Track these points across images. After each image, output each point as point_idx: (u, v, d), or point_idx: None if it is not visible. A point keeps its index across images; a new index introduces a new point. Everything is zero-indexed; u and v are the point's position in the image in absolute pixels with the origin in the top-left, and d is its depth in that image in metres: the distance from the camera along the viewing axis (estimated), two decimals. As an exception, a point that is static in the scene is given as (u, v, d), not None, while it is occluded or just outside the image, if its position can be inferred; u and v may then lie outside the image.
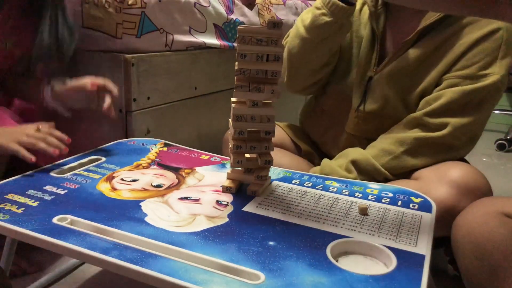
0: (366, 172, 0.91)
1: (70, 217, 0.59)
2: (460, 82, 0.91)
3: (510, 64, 0.92)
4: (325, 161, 0.96)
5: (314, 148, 1.16)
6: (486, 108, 0.93)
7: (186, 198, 0.68)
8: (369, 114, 1.01)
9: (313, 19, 0.95)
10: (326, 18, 0.93)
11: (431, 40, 0.93)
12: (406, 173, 0.94)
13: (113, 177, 0.74)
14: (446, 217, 0.80)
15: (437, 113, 0.91)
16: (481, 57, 0.90)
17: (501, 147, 2.28)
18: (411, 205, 0.69)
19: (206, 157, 0.86)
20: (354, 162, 0.92)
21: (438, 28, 0.94)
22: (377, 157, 0.92)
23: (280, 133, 1.15)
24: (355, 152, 0.95)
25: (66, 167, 0.77)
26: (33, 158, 0.74)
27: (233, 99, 0.70)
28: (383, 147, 0.93)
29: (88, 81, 0.89)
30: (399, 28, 1.00)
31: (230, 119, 0.72)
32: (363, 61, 1.02)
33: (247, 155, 0.72)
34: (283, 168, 0.84)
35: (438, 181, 0.86)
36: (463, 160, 0.99)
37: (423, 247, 0.57)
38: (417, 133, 0.92)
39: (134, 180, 0.73)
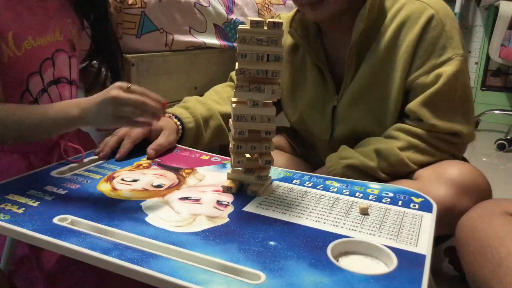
0: (389, 162, 0.89)
1: (70, 217, 0.59)
2: (429, 79, 0.89)
3: (462, 36, 0.91)
4: (344, 146, 0.94)
5: (309, 149, 1.16)
6: (468, 88, 0.92)
7: (186, 198, 0.68)
8: (341, 141, 1.00)
9: None
10: None
11: (375, 52, 0.92)
12: (407, 173, 0.94)
13: (114, 177, 0.74)
14: (445, 216, 0.80)
15: (437, 119, 0.90)
16: (432, 49, 0.89)
17: (501, 147, 2.28)
18: (411, 205, 0.69)
19: (207, 157, 0.86)
20: (377, 151, 0.89)
21: (376, 39, 0.93)
22: (403, 148, 0.90)
23: (277, 135, 1.15)
24: (379, 141, 0.92)
25: (66, 167, 0.77)
26: (152, 123, 0.68)
27: (233, 99, 0.70)
28: (407, 139, 0.90)
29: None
30: (339, 52, 0.99)
31: (230, 119, 0.72)
32: (320, 95, 1.01)
33: (247, 155, 0.72)
34: (283, 168, 0.84)
35: (437, 181, 0.86)
36: (462, 158, 0.99)
37: (424, 247, 0.56)
38: (436, 134, 0.90)
39: (135, 180, 0.73)
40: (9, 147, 0.80)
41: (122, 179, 0.73)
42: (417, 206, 0.69)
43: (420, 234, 0.60)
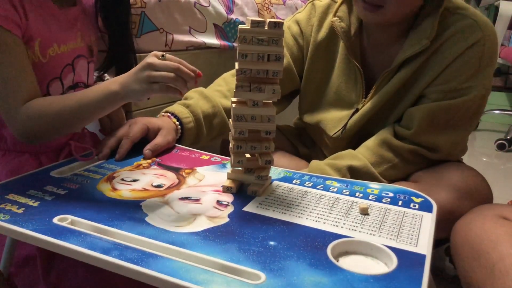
0: (362, 178, 0.88)
1: (70, 217, 0.59)
2: (443, 97, 0.89)
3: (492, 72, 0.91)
4: (314, 162, 0.94)
5: (311, 149, 1.16)
6: (474, 119, 0.93)
7: (186, 198, 0.68)
8: (349, 137, 1.00)
9: None
10: None
11: (415, 62, 0.91)
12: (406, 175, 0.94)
13: (114, 177, 0.74)
14: (447, 220, 0.80)
15: (424, 131, 0.90)
16: (463, 70, 0.88)
17: (501, 147, 2.28)
18: (411, 205, 0.69)
19: (207, 157, 0.86)
20: (351, 169, 0.89)
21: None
22: (376, 164, 0.90)
23: (278, 134, 1.15)
24: (352, 157, 0.92)
25: (66, 167, 0.77)
26: (183, 92, 0.69)
27: (233, 99, 0.70)
28: (380, 153, 0.91)
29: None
30: (380, 56, 0.97)
31: (230, 119, 0.72)
32: (346, 94, 1.00)
33: (247, 155, 0.72)
34: (283, 168, 0.84)
35: (438, 185, 0.86)
36: (459, 160, 0.99)
37: (424, 247, 0.57)
38: (411, 146, 0.91)
39: (135, 180, 0.73)
40: (20, 148, 0.80)
41: (122, 179, 0.73)
42: (417, 206, 0.69)
43: (420, 234, 0.60)
